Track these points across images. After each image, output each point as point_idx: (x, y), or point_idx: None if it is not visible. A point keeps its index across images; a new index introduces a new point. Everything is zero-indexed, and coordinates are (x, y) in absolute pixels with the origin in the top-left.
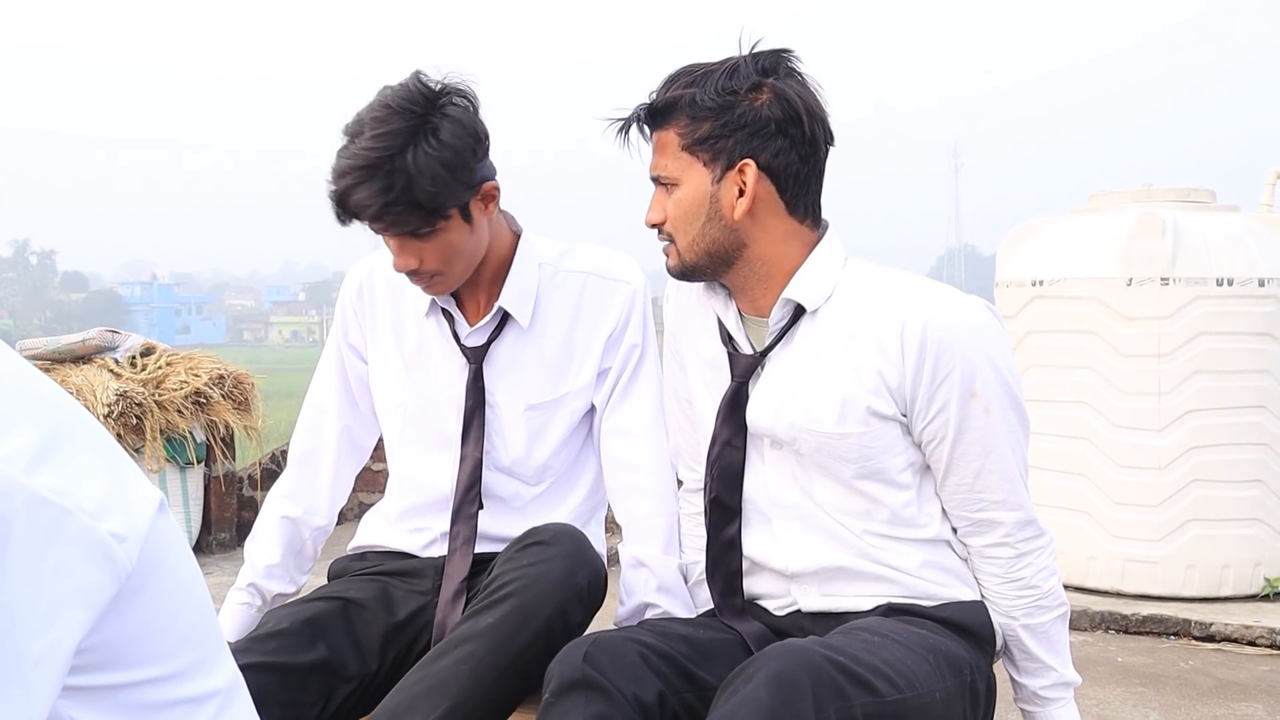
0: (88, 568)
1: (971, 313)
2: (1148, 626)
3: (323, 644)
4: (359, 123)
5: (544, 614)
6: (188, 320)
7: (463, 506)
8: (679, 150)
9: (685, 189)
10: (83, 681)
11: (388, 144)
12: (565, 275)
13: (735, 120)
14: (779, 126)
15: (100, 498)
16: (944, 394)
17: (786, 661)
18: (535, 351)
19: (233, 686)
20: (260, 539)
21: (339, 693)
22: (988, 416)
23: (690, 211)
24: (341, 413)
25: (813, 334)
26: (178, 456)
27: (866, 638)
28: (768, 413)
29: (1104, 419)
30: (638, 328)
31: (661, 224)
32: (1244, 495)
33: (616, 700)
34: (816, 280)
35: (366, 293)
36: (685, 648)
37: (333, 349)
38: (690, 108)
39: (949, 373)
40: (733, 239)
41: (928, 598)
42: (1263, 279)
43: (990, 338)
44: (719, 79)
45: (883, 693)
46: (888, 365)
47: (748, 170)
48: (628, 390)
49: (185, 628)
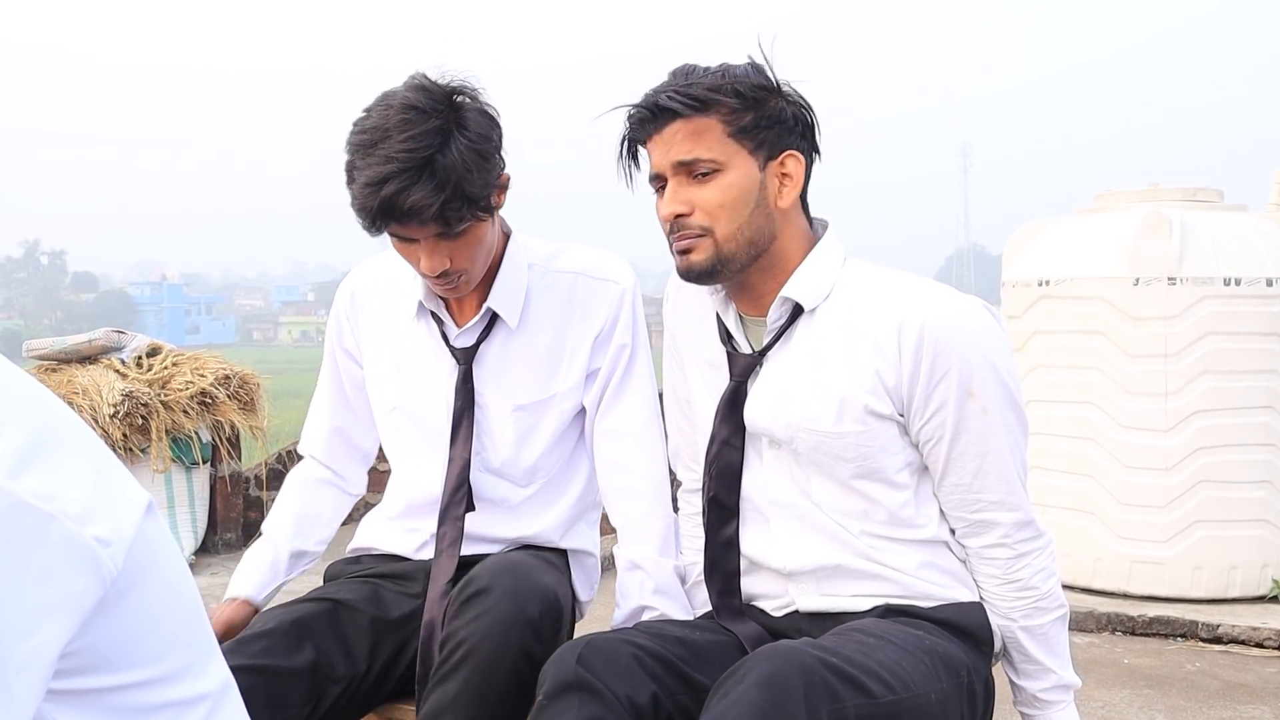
0: (72, 573)
1: (970, 313)
2: (1154, 628)
3: (310, 645)
4: (378, 130)
5: (505, 663)
6: (197, 320)
7: (449, 508)
8: (724, 136)
9: (733, 175)
10: (69, 685)
11: (427, 143)
12: (555, 276)
13: (774, 114)
14: (799, 126)
15: (85, 502)
16: (941, 393)
17: (778, 663)
18: (524, 352)
19: (223, 689)
20: (282, 500)
21: (328, 694)
22: (985, 416)
23: (740, 198)
24: (334, 416)
25: (811, 333)
26: (183, 457)
27: (861, 639)
28: (765, 412)
29: (1110, 419)
30: (627, 328)
31: (687, 214)
32: (1251, 496)
33: (610, 702)
34: (815, 279)
35: (359, 298)
36: (680, 649)
37: (329, 355)
38: (735, 96)
39: (946, 372)
40: (772, 228)
41: (925, 598)
42: (1270, 279)
43: (989, 338)
44: (749, 76)
45: (876, 694)
46: (885, 365)
47: (790, 161)
48: (619, 392)
49: (173, 631)
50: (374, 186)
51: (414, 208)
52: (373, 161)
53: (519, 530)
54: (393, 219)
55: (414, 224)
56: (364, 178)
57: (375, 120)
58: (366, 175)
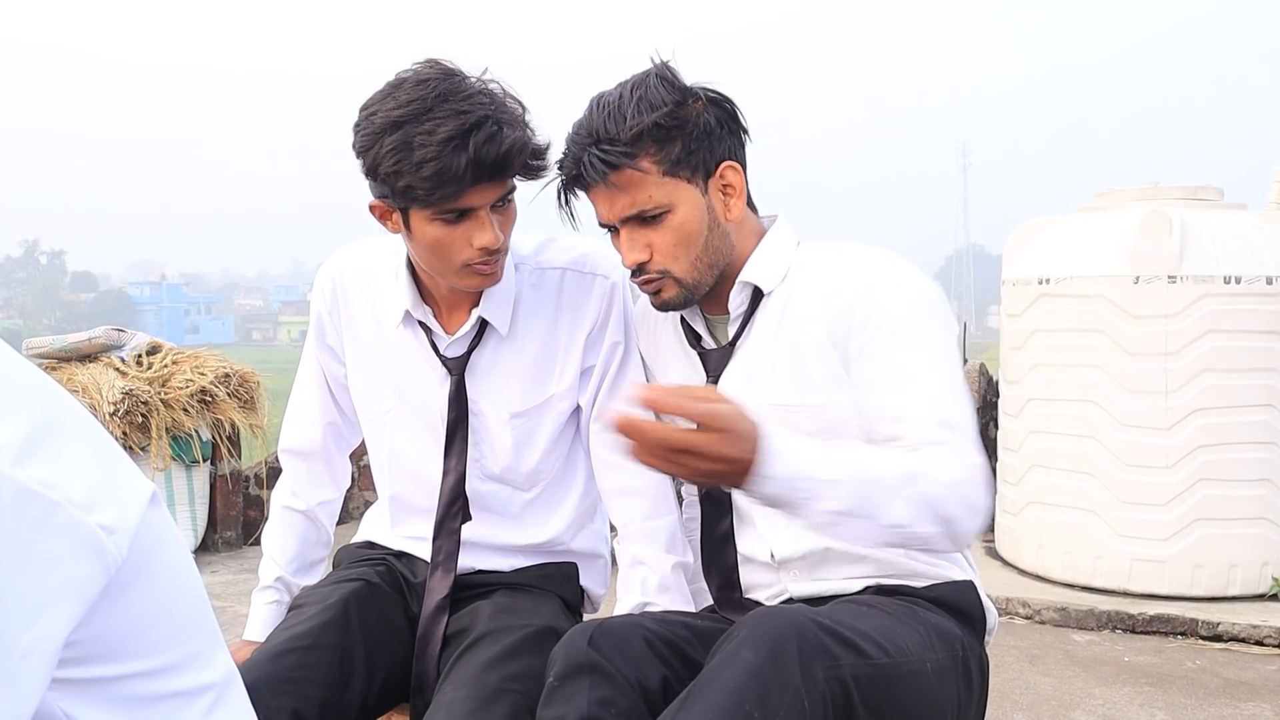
0: (76, 560)
1: (897, 265)
2: (1155, 626)
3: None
4: (423, 99)
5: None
6: (196, 320)
7: (445, 521)
8: (660, 178)
9: (683, 211)
10: (73, 674)
11: (485, 99)
12: (541, 273)
13: (697, 127)
14: (725, 127)
15: (89, 490)
16: (868, 331)
17: (772, 622)
18: (517, 358)
19: (228, 680)
20: (275, 536)
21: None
22: (896, 337)
23: (695, 231)
24: (326, 412)
25: (772, 315)
26: (183, 455)
27: (855, 608)
28: (738, 398)
29: (1111, 418)
30: (618, 324)
31: (647, 261)
32: (1252, 494)
33: (620, 684)
34: (769, 262)
35: (341, 292)
36: (688, 634)
37: (310, 353)
38: (655, 131)
39: (870, 313)
40: (727, 245)
41: (917, 576)
42: (1270, 277)
43: (908, 279)
44: (660, 92)
45: (872, 656)
46: (830, 328)
47: (728, 172)
48: (613, 389)
49: (178, 621)
50: (459, 139)
51: (510, 150)
52: (442, 118)
53: (528, 538)
54: (481, 173)
55: (500, 178)
56: (444, 133)
57: (413, 93)
58: (445, 131)
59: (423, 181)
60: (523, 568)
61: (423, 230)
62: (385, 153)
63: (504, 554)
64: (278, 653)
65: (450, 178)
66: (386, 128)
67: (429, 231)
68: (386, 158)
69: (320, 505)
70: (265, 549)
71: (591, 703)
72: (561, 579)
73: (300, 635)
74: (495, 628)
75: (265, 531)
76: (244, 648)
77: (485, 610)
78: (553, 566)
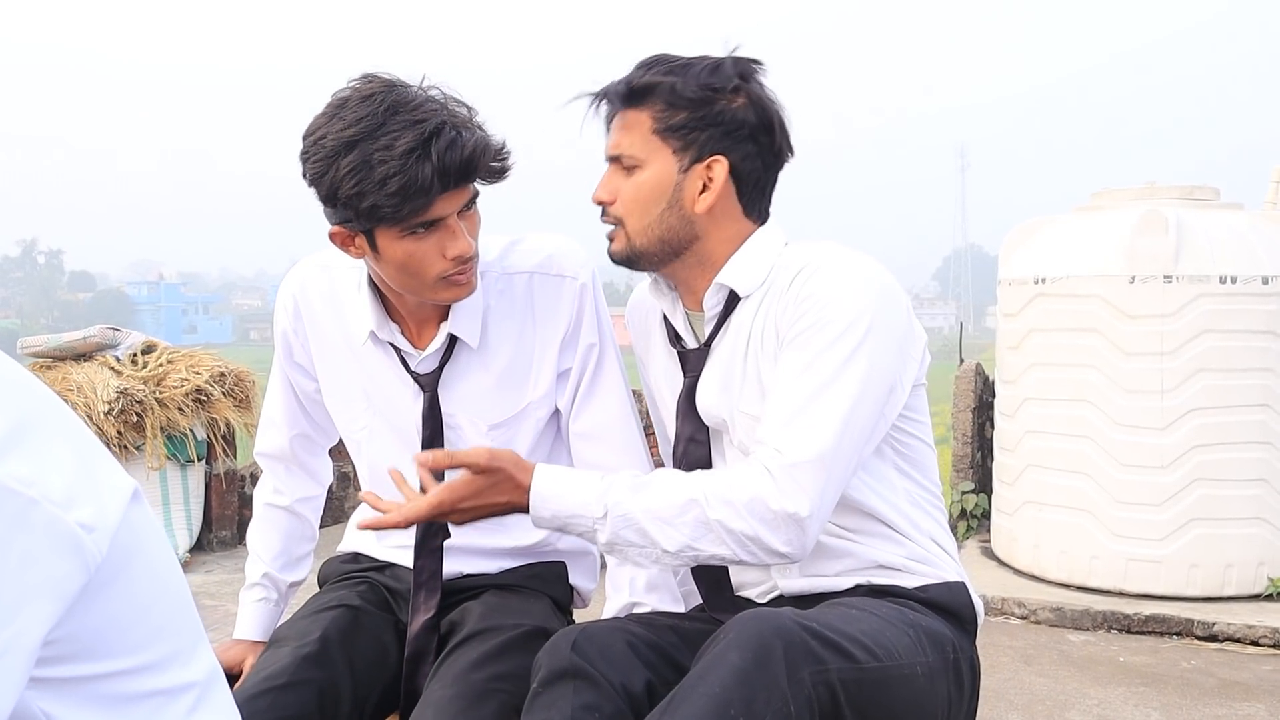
0: (55, 558)
1: (845, 275)
2: (1150, 626)
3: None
4: (373, 115)
5: None
6: (194, 320)
7: (426, 540)
8: (649, 133)
9: (649, 172)
10: (53, 673)
11: (434, 106)
12: (509, 279)
13: (712, 116)
14: (751, 132)
15: (68, 487)
16: (790, 336)
17: (758, 626)
18: (489, 369)
19: (210, 679)
20: (260, 533)
21: None
22: (808, 349)
23: (651, 196)
24: (293, 424)
25: (747, 319)
26: (179, 454)
27: (843, 611)
28: (711, 402)
29: (1107, 417)
30: (592, 326)
31: (610, 204)
32: (1247, 494)
33: (605, 689)
34: (749, 266)
35: (305, 311)
36: (673, 637)
37: (279, 368)
38: (669, 94)
39: (796, 321)
40: (688, 231)
41: (909, 573)
42: (1266, 276)
43: (850, 292)
44: (701, 73)
45: (860, 659)
46: (780, 335)
47: (716, 166)
48: (591, 391)
49: (159, 619)
50: (420, 149)
51: (474, 153)
52: (398, 130)
53: (515, 540)
54: (448, 180)
55: (465, 183)
56: (403, 145)
57: (361, 110)
58: (405, 143)
59: (389, 198)
60: (511, 568)
61: (392, 249)
62: (343, 175)
63: (491, 557)
64: (250, 695)
65: (418, 189)
66: (340, 149)
67: (399, 249)
68: (345, 180)
69: (302, 500)
70: (250, 547)
71: (576, 708)
72: (551, 578)
73: (273, 675)
74: (485, 627)
75: (250, 529)
76: (234, 646)
77: (475, 610)
78: (541, 566)
